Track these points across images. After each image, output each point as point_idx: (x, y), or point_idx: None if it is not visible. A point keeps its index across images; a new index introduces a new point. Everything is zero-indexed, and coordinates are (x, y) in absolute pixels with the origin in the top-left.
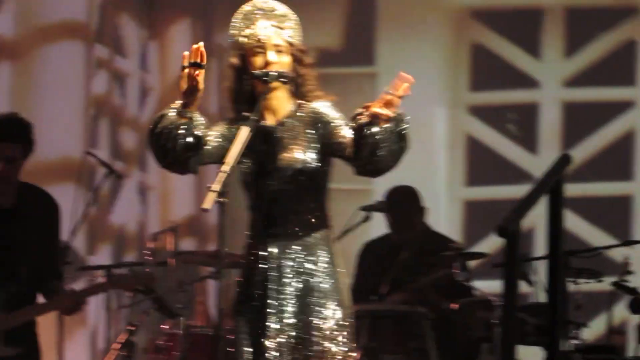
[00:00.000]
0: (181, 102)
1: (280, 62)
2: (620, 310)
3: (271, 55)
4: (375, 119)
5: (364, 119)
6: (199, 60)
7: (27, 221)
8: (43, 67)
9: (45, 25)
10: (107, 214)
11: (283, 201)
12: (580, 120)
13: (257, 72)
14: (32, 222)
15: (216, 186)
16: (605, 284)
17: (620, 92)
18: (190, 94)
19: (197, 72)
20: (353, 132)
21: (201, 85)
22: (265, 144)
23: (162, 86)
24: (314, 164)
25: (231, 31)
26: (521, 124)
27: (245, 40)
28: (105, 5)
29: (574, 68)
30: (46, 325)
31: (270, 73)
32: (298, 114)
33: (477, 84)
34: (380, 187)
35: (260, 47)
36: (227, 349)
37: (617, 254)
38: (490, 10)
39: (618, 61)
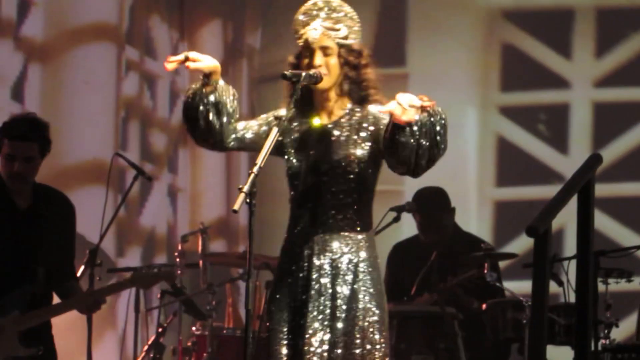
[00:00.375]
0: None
1: (327, 65)
2: None
3: (317, 59)
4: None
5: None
6: (181, 60)
7: (44, 222)
8: (73, 69)
9: (76, 28)
10: (137, 216)
11: (330, 200)
12: (610, 120)
13: (286, 72)
14: (48, 222)
15: (246, 187)
16: (635, 284)
17: None
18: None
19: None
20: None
21: (202, 59)
22: (318, 142)
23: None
24: (363, 165)
25: (293, 29)
26: (552, 124)
27: (299, 41)
28: (135, 7)
29: (604, 68)
30: (76, 327)
31: (290, 74)
32: (352, 115)
33: (507, 85)
34: (410, 188)
35: (307, 48)
36: (259, 349)
37: None
38: (520, 11)
39: None
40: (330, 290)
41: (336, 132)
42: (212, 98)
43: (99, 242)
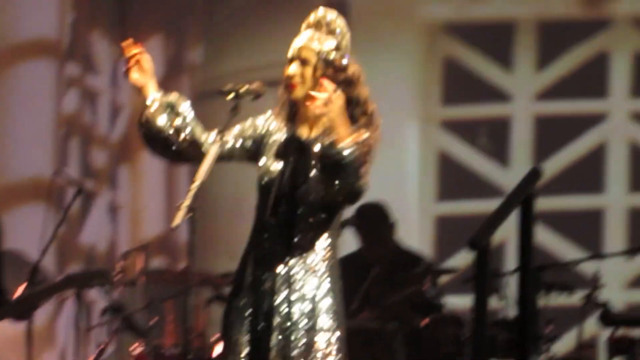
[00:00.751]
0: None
1: (303, 74)
2: (591, 324)
3: (291, 68)
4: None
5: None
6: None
7: None
8: (13, 86)
9: (16, 43)
10: (77, 233)
11: (301, 214)
12: (552, 133)
13: (222, 89)
14: None
15: (186, 202)
16: (576, 298)
17: (592, 104)
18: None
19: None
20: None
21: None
22: (297, 154)
23: (133, 103)
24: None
25: None
26: (493, 137)
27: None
28: (76, 22)
29: (546, 81)
30: (14, 345)
31: (228, 90)
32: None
33: (448, 98)
34: None
35: (290, 58)
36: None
37: (588, 268)
38: (461, 24)
39: (590, 73)
40: (291, 306)
41: (312, 148)
42: (161, 121)
43: (38, 260)
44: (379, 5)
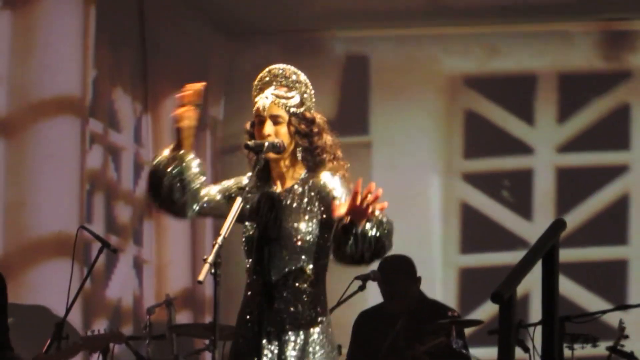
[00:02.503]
0: (174, 142)
1: (277, 133)
2: None
3: (267, 127)
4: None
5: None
6: (198, 101)
7: None
8: (38, 143)
9: (39, 101)
10: (103, 288)
11: (281, 270)
12: (574, 185)
13: (249, 143)
14: None
15: (211, 257)
16: (601, 349)
17: (614, 156)
18: (182, 133)
19: (191, 110)
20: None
21: (193, 123)
22: (271, 210)
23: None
24: (312, 235)
25: (252, 96)
26: (515, 190)
27: (254, 109)
28: (98, 80)
29: (567, 133)
30: None
31: (252, 144)
32: (305, 184)
33: (470, 151)
34: None
35: (259, 116)
36: None
37: (613, 318)
38: (482, 77)
39: (612, 125)
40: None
41: (287, 201)
42: (177, 170)
43: (65, 315)
44: (400, 59)
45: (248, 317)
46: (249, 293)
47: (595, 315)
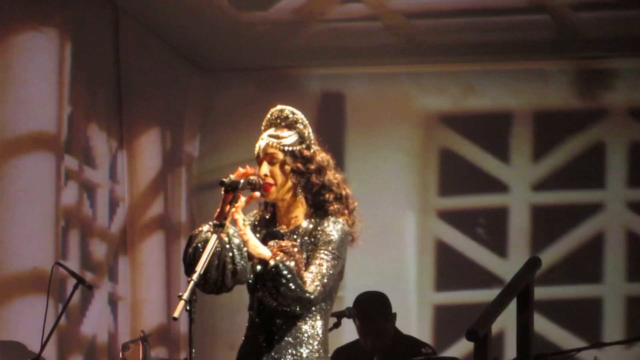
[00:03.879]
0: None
1: (273, 173)
2: None
3: (263, 168)
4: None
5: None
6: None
7: None
8: (13, 179)
9: (15, 137)
10: (77, 325)
11: (281, 313)
12: (549, 223)
13: (224, 180)
14: None
15: (186, 293)
16: None
17: (589, 194)
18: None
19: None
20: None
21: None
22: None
23: (131, 196)
24: None
25: None
26: (490, 227)
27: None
28: (74, 116)
29: (542, 171)
30: None
31: (227, 180)
32: (308, 225)
33: (446, 189)
34: (350, 293)
35: (258, 158)
36: None
37: (587, 356)
38: (458, 115)
39: (587, 163)
40: None
41: (290, 241)
42: (231, 255)
43: (40, 351)
44: (375, 98)
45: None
46: (250, 334)
47: (570, 353)
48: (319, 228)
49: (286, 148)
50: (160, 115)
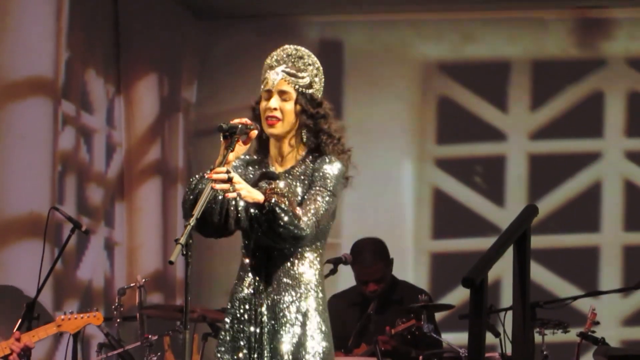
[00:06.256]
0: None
1: (282, 109)
2: None
3: (272, 101)
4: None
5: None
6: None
7: None
8: (10, 124)
9: (12, 82)
10: (74, 270)
11: (278, 249)
12: (546, 172)
13: (222, 125)
14: None
15: (182, 238)
16: (572, 335)
17: (586, 143)
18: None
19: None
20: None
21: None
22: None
23: (128, 142)
24: None
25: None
26: (487, 176)
27: (262, 85)
28: (71, 61)
29: (540, 120)
30: None
31: (225, 125)
32: (302, 165)
33: (443, 137)
34: (347, 240)
35: (268, 92)
36: None
37: (584, 305)
38: (456, 63)
39: (585, 112)
40: (279, 341)
41: (285, 181)
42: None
43: (36, 296)
44: (374, 46)
45: (243, 295)
46: (246, 274)
47: (566, 301)
48: (316, 166)
49: (301, 89)
50: (158, 61)
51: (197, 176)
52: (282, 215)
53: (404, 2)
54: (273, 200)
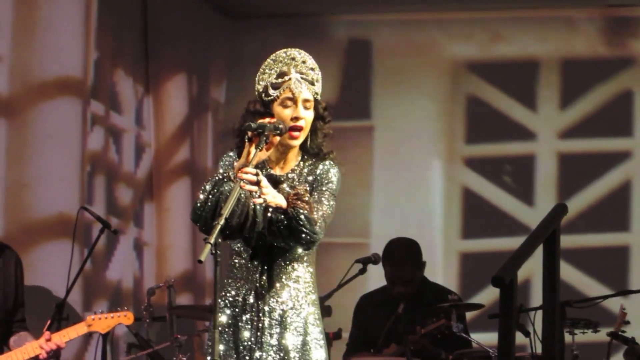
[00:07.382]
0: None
1: (306, 118)
2: None
3: (301, 111)
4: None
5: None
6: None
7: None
8: (39, 124)
9: (41, 82)
10: (103, 270)
11: (277, 252)
12: (576, 171)
13: (251, 124)
14: (3, 274)
15: (212, 238)
16: (602, 335)
17: (616, 142)
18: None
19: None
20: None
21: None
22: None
23: (157, 142)
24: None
25: (261, 75)
26: (517, 175)
27: (277, 90)
28: (100, 61)
29: (569, 119)
30: None
31: (258, 125)
32: (302, 168)
33: (472, 136)
34: (376, 240)
35: (291, 99)
36: None
37: (614, 304)
38: (485, 63)
39: (614, 111)
40: (279, 341)
41: (285, 185)
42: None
43: (65, 296)
44: (402, 44)
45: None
46: (240, 275)
47: (596, 300)
48: (318, 171)
49: (318, 97)
50: (186, 61)
51: (220, 175)
52: (305, 221)
53: (432, 2)
54: (297, 207)
